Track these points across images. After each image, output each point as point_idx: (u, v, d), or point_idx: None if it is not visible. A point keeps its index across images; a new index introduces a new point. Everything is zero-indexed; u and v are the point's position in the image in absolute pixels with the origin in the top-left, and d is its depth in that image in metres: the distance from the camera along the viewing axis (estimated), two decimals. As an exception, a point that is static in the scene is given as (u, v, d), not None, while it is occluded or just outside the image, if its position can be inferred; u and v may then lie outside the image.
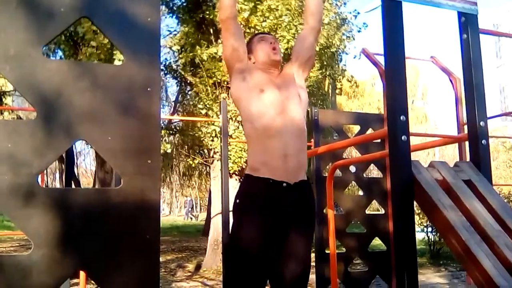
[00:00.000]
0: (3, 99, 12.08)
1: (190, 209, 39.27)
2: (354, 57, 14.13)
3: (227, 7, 2.67)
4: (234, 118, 10.42)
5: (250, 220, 2.55)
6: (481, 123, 2.66)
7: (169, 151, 13.87)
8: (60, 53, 11.02)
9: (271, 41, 2.82)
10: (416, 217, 10.85)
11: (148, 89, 2.12)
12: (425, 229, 11.87)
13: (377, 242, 6.70)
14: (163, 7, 12.26)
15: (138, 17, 2.15)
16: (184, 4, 11.60)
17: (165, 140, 14.11)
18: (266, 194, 2.57)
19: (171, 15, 12.07)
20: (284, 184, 2.58)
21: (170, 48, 11.93)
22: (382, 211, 6.37)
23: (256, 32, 10.70)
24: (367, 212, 6.45)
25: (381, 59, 5.43)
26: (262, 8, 10.60)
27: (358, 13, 13.30)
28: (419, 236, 12.09)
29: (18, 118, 14.86)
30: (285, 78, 2.79)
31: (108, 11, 2.12)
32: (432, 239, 11.91)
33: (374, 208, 18.81)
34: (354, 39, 12.97)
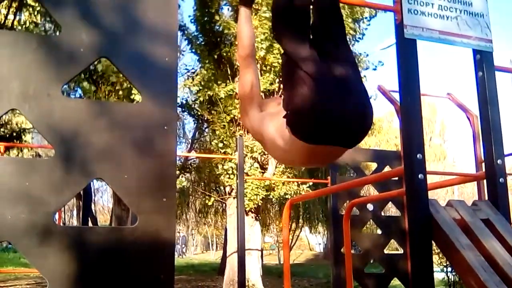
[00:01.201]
0: (23, 136, 12.27)
1: (183, 246, 38.85)
2: (370, 97, 14.15)
3: (248, 45, 2.71)
4: (249, 155, 10.44)
5: None
6: (499, 161, 2.63)
7: (184, 184, 13.89)
8: (79, 91, 11.24)
9: (276, 97, 2.86)
10: (436, 257, 10.64)
11: (165, 127, 2.15)
12: (445, 269, 11.63)
13: (396, 282, 6.57)
14: (186, 45, 12.50)
15: (156, 57, 2.20)
16: (203, 43, 11.82)
17: (181, 176, 14.17)
18: None
19: (192, 52, 12.30)
20: None
21: (189, 88, 12.10)
22: (401, 251, 6.27)
23: (272, 69, 10.81)
24: (385, 251, 6.36)
25: (397, 96, 5.44)
26: (278, 46, 10.73)
27: (367, 54, 13.41)
28: (439, 276, 11.84)
29: (37, 155, 15.06)
30: None
31: (126, 51, 2.17)
32: (452, 279, 11.65)
33: (393, 247, 18.51)
34: (366, 79, 13.04)
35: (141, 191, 2.06)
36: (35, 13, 10.56)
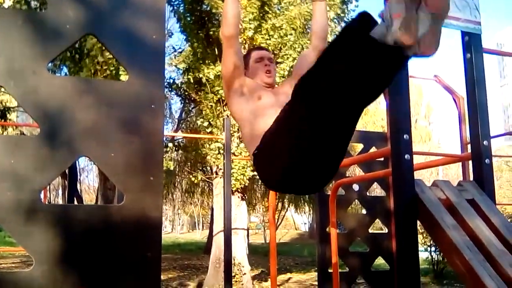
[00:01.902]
0: (7, 115, 12.12)
1: None
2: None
3: (232, 24, 2.68)
4: (236, 135, 10.43)
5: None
6: (485, 142, 2.65)
7: (172, 168, 13.88)
8: (65, 69, 11.09)
9: (266, 63, 2.82)
10: (420, 236, 10.77)
11: (152, 106, 2.13)
12: (429, 248, 11.79)
13: (380, 261, 6.66)
14: (176, 24, 12.36)
15: (143, 35, 2.17)
16: (191, 22, 11.70)
17: (168, 156, 14.12)
18: None
19: (180, 31, 12.18)
20: None
21: (176, 66, 12.01)
22: (386, 230, 6.34)
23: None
24: (370, 231, 6.42)
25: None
26: (267, 26, 10.67)
27: None
28: (423, 255, 12.01)
29: (22, 134, 14.90)
30: (283, 92, 2.80)
31: (113, 29, 2.14)
32: (436, 259, 11.82)
33: (378, 227, 18.70)
34: None
35: (128, 170, 2.06)
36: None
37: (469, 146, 2.88)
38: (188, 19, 11.78)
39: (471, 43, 2.75)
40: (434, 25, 1.64)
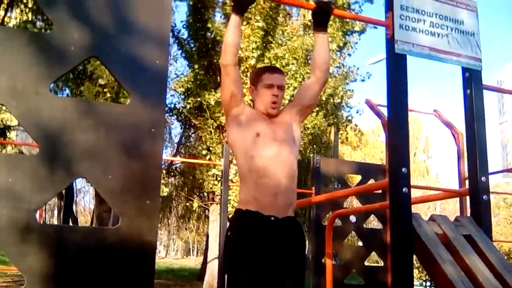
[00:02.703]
0: (7, 133, 12.12)
1: None
2: (357, 112, 14.34)
3: (230, 53, 2.72)
4: (234, 162, 10.43)
5: (242, 256, 2.57)
6: (483, 178, 2.66)
7: (166, 193, 13.84)
8: (67, 90, 11.15)
9: (274, 93, 2.80)
10: (415, 271, 10.69)
11: (152, 130, 2.13)
12: (424, 283, 11.70)
13: (375, 294, 6.58)
14: (178, 50, 12.49)
15: (146, 59, 2.19)
16: (194, 49, 11.82)
17: (164, 181, 14.09)
18: (255, 227, 2.61)
19: (183, 57, 12.31)
20: (272, 218, 2.62)
21: (175, 90, 12.09)
22: (382, 263, 6.29)
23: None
24: (366, 263, 6.37)
25: (384, 110, 5.47)
26: (269, 56, 10.79)
27: (358, 68, 13.57)
28: (418, 290, 11.89)
29: (21, 153, 14.88)
30: (282, 124, 2.82)
31: (117, 52, 2.16)
32: (431, 294, 11.71)
33: (374, 260, 18.57)
34: (353, 94, 13.20)
35: (125, 193, 2.05)
36: (27, 10, 10.48)
37: (467, 181, 2.88)
38: (192, 45, 11.90)
39: (472, 79, 2.77)
40: None
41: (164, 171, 13.32)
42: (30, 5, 9.98)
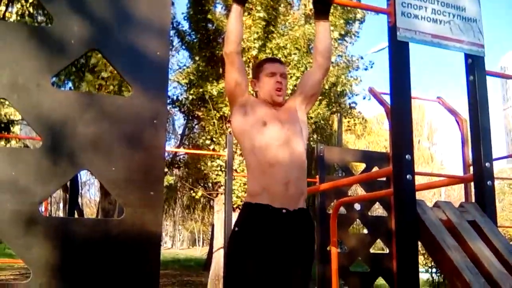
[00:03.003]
0: (11, 128, 12.14)
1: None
2: (364, 98, 14.23)
3: (233, 42, 2.71)
4: (238, 152, 10.45)
5: (249, 250, 2.52)
6: (487, 164, 2.65)
7: (172, 182, 13.86)
8: (70, 84, 11.15)
9: (278, 80, 2.79)
10: (421, 257, 10.71)
11: (155, 121, 2.14)
12: (430, 269, 11.72)
13: (381, 281, 6.62)
14: (178, 42, 12.49)
15: (147, 51, 2.18)
16: (195, 40, 11.80)
17: (169, 173, 14.12)
18: (266, 221, 2.55)
19: (184, 49, 12.29)
20: (284, 211, 2.57)
21: (179, 82, 12.08)
22: (387, 251, 6.30)
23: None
24: (371, 251, 6.38)
25: (387, 98, 5.46)
26: (271, 46, 10.75)
27: (362, 57, 13.48)
28: (423, 276, 11.93)
29: (25, 147, 14.93)
30: (288, 112, 2.80)
31: (117, 44, 2.15)
32: (437, 280, 11.74)
33: (379, 247, 18.61)
34: (361, 80, 13.08)
35: (129, 184, 2.05)
36: (27, 5, 10.46)
37: (471, 167, 2.87)
38: (193, 37, 11.87)
39: (474, 66, 2.76)
40: None
41: (168, 163, 13.35)
42: (30, 0, 9.97)
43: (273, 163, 2.59)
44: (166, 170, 13.24)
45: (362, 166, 6.70)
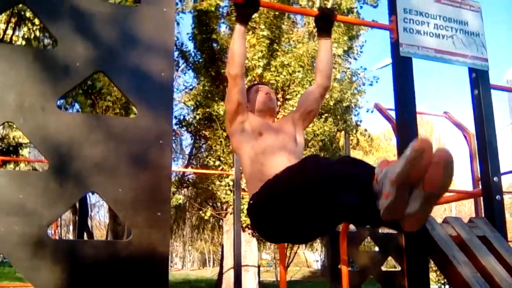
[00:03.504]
0: (19, 151, 12.24)
1: None
2: (367, 111, 14.24)
3: (238, 64, 2.73)
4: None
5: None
6: (495, 179, 2.64)
7: (181, 201, 13.85)
8: (77, 106, 11.25)
9: (266, 92, 2.91)
10: (433, 274, 10.60)
11: (160, 141, 2.14)
12: (442, 286, 11.58)
13: (393, 300, 6.53)
14: (183, 63, 12.60)
15: (152, 72, 2.20)
16: (201, 60, 11.89)
17: (178, 192, 14.13)
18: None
19: (190, 69, 12.40)
20: None
21: (185, 103, 12.16)
22: (399, 268, 6.24)
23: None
24: (383, 268, 6.32)
25: (393, 114, 5.45)
26: (276, 64, 10.80)
27: (365, 69, 13.53)
28: (436, 293, 11.77)
29: (34, 169, 15.02)
30: (283, 123, 2.86)
31: (122, 66, 2.17)
32: (450, 297, 11.60)
33: (391, 264, 18.45)
34: (365, 92, 13.11)
35: (136, 205, 2.05)
36: (34, 28, 10.62)
37: (480, 182, 2.86)
38: (198, 57, 11.97)
39: (479, 80, 2.76)
40: (426, 204, 1.50)
41: (176, 183, 13.36)
42: (37, 23, 10.11)
43: (269, 170, 2.57)
44: (174, 190, 13.26)
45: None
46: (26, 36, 10.41)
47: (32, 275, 1.89)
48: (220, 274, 16.34)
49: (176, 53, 11.90)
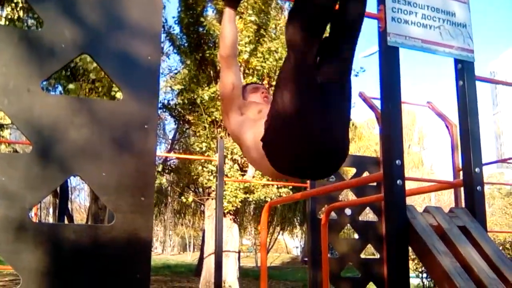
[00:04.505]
0: (1, 132, 12.08)
1: None
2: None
3: (230, 45, 2.70)
4: (229, 157, 10.44)
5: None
6: (476, 170, 2.67)
7: (164, 183, 13.79)
8: (60, 88, 11.11)
9: (262, 91, 2.90)
10: (411, 263, 10.75)
11: (145, 126, 2.13)
12: (420, 275, 11.75)
13: (372, 287, 6.62)
14: (170, 46, 12.49)
15: (138, 55, 2.18)
16: (186, 44, 11.80)
17: (160, 176, 14.08)
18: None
19: (175, 53, 12.31)
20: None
21: (171, 87, 12.08)
22: (378, 256, 6.32)
23: (255, 72, 10.84)
24: (362, 256, 6.40)
25: (378, 103, 5.48)
26: (262, 50, 10.78)
27: None
28: (414, 282, 11.96)
29: (15, 151, 14.84)
30: None
31: (108, 48, 2.15)
32: (427, 285, 11.77)
33: (370, 252, 18.65)
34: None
35: (119, 189, 2.04)
36: (18, 8, 10.43)
37: (461, 172, 2.89)
38: (184, 41, 11.88)
39: (464, 71, 2.78)
40: None
41: (159, 167, 13.32)
42: (20, 4, 9.93)
43: None
44: (156, 175, 13.22)
45: (353, 170, 6.71)
46: (9, 17, 10.21)
47: (13, 258, 1.87)
48: (201, 259, 16.39)
49: (163, 36, 11.79)
